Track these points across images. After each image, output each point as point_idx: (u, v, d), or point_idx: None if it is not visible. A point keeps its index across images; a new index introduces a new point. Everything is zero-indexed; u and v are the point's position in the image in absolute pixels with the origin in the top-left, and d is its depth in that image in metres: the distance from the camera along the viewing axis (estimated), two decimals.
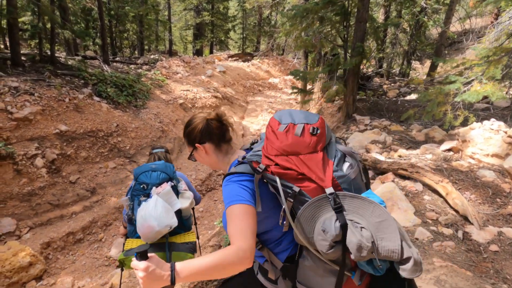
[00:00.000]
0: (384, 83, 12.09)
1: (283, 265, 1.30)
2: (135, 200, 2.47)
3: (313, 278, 1.25)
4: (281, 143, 1.19)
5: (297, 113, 1.29)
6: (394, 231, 1.09)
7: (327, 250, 1.10)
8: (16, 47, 8.00)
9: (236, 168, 1.31)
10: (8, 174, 5.23)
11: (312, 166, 1.15)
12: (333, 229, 1.08)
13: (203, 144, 1.46)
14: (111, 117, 7.74)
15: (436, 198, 3.43)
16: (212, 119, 1.47)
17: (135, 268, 1.04)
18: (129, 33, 17.24)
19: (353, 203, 1.13)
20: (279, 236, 1.31)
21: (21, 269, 4.34)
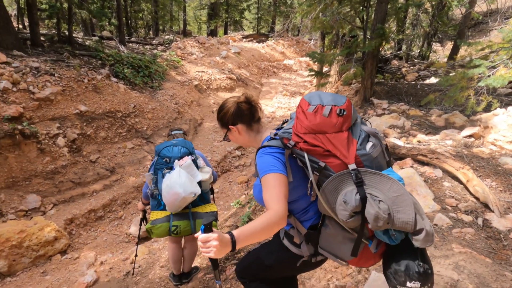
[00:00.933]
0: (403, 66, 11.80)
1: (307, 232, 1.45)
2: (159, 174, 2.64)
3: (333, 244, 1.40)
4: (310, 123, 1.31)
5: (326, 95, 1.39)
6: (409, 205, 1.22)
7: (347, 219, 1.25)
8: (35, 27, 8.08)
9: (269, 142, 1.44)
10: (32, 152, 5.41)
11: (337, 144, 1.28)
12: (353, 200, 1.22)
13: (236, 125, 1.62)
14: (129, 98, 7.83)
15: (456, 184, 3.40)
16: (242, 102, 1.62)
17: (206, 240, 1.16)
18: (144, 13, 17.15)
19: (373, 178, 1.26)
20: (305, 206, 1.46)
21: (47, 243, 4.54)
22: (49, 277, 4.17)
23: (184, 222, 2.68)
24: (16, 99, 5.60)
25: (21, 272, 4.27)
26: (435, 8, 11.21)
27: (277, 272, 1.70)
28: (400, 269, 1.29)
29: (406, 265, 1.28)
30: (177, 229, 2.67)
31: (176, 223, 2.66)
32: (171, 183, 2.46)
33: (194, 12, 26.63)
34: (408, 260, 1.28)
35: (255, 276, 1.77)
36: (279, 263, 1.65)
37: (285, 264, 1.64)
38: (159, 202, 2.75)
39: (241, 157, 7.99)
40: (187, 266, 3.30)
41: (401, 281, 1.27)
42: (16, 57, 6.57)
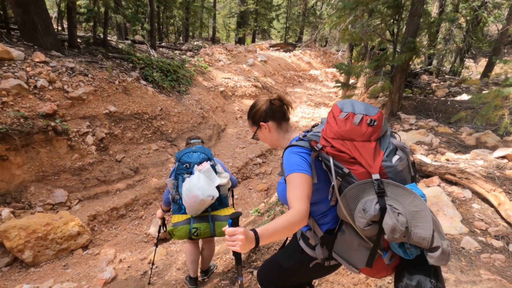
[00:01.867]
0: (432, 81, 11.48)
1: (323, 235, 1.48)
2: (179, 178, 2.77)
3: (347, 250, 1.42)
4: (339, 128, 1.34)
5: (358, 104, 1.41)
6: (428, 221, 1.22)
7: (364, 227, 1.27)
8: (73, 29, 8.47)
9: (297, 142, 1.48)
10: (63, 149, 5.63)
11: (363, 152, 1.30)
12: (373, 210, 1.24)
13: (267, 123, 1.65)
14: (156, 101, 8.03)
15: (486, 207, 3.24)
16: (275, 99, 1.67)
17: (232, 233, 1.20)
18: (175, 19, 17.62)
19: (396, 191, 1.27)
20: (325, 210, 1.48)
21: (70, 237, 4.69)
22: (70, 271, 4.29)
23: (203, 225, 2.79)
24: (51, 97, 5.86)
25: (44, 264, 4.42)
26: (470, 23, 10.89)
27: (294, 275, 1.73)
28: (411, 283, 1.28)
29: (418, 280, 1.27)
30: (197, 231, 2.77)
31: (196, 226, 2.77)
32: (190, 186, 2.58)
33: (223, 20, 27.11)
34: (421, 276, 1.28)
35: (277, 283, 1.81)
36: (294, 265, 1.68)
37: (300, 265, 1.66)
38: (180, 206, 2.86)
39: (262, 164, 7.98)
40: (206, 265, 3.46)
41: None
42: (54, 57, 6.90)
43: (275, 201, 4.90)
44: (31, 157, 5.22)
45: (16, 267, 4.34)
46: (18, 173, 5.06)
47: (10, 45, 6.46)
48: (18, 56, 6.06)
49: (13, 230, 4.23)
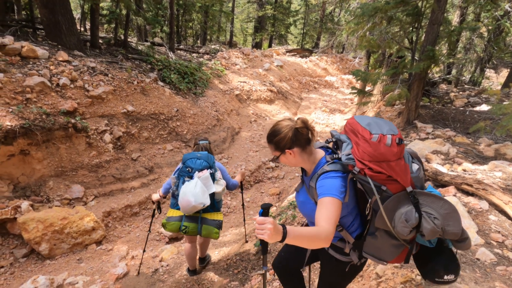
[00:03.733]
0: (451, 91, 11.28)
1: (354, 241, 1.68)
2: (181, 179, 3.10)
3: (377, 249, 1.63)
4: (375, 152, 1.45)
5: (381, 123, 1.54)
6: (458, 220, 1.46)
7: (407, 234, 1.46)
8: (95, 30, 8.72)
9: (330, 166, 1.59)
10: (81, 145, 5.78)
11: (398, 170, 1.46)
12: (413, 218, 1.43)
13: (292, 149, 1.69)
14: (172, 102, 8.16)
15: (503, 219, 3.17)
16: (302, 128, 1.67)
17: (262, 222, 1.28)
18: (194, 22, 17.90)
19: (427, 198, 1.48)
20: (352, 220, 1.68)
21: (85, 232, 4.80)
22: (84, 265, 4.39)
23: (192, 225, 3.11)
24: (72, 95, 6.04)
25: (59, 257, 4.54)
26: (492, 33, 10.68)
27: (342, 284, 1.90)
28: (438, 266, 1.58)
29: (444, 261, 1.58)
30: (186, 229, 3.10)
31: (186, 224, 3.10)
32: (186, 191, 2.89)
33: (241, 24, 27.35)
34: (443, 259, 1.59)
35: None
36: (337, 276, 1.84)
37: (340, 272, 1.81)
38: (177, 202, 3.13)
39: (275, 169, 7.99)
40: (202, 253, 3.91)
41: (439, 275, 1.57)
42: (76, 57, 7.11)
43: (287, 205, 4.90)
44: (51, 153, 5.38)
45: (32, 259, 4.47)
46: (38, 167, 5.22)
47: (36, 44, 6.70)
48: (42, 55, 6.27)
49: (31, 223, 4.36)
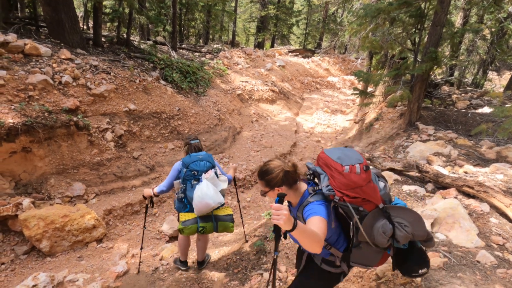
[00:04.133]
0: (453, 93, 11.26)
1: (343, 254, 1.92)
2: (188, 184, 3.19)
3: (362, 258, 1.90)
4: (348, 181, 1.71)
5: (349, 153, 1.79)
6: (423, 225, 1.78)
7: (386, 244, 1.77)
8: (98, 29, 8.73)
9: (313, 198, 1.82)
10: (83, 143, 5.79)
11: (369, 192, 1.74)
12: (389, 230, 1.73)
13: (281, 187, 1.91)
14: (174, 101, 8.17)
15: (504, 222, 3.17)
16: (292, 171, 1.91)
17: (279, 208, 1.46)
18: (196, 21, 17.91)
19: (397, 211, 1.78)
20: (336, 239, 1.93)
21: (85, 230, 4.81)
22: (84, 262, 4.40)
23: (209, 224, 3.21)
24: (74, 93, 6.05)
25: (60, 254, 4.55)
26: (495, 35, 10.65)
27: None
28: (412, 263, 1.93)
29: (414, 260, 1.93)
30: (204, 230, 3.20)
31: (203, 225, 3.19)
32: (203, 194, 2.98)
33: (243, 24, 27.35)
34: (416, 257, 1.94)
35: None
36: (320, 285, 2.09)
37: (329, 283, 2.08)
38: (185, 205, 3.27)
39: None
40: (201, 256, 3.91)
41: (415, 270, 1.92)
42: (79, 55, 7.13)
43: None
44: (53, 150, 5.40)
45: (33, 256, 4.49)
46: (40, 165, 5.23)
47: (39, 42, 6.72)
48: (45, 53, 6.29)
49: (32, 220, 4.37)
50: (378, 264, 1.96)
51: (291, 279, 3.25)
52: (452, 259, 2.54)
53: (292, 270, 3.45)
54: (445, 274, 2.38)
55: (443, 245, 2.75)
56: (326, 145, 10.19)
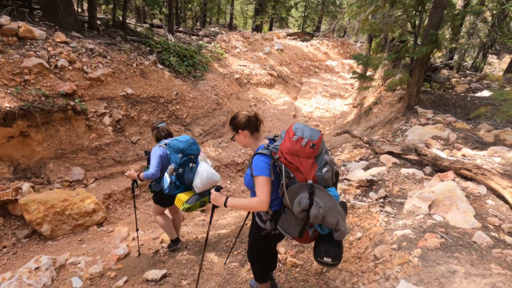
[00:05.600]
0: (453, 76, 11.19)
1: (272, 213, 2.20)
2: (186, 167, 3.41)
3: (287, 225, 2.15)
4: (291, 147, 1.94)
5: (307, 129, 2.00)
6: (336, 214, 1.96)
7: (298, 213, 1.98)
8: (93, 11, 8.56)
9: (263, 151, 2.10)
10: (81, 128, 5.77)
11: (304, 165, 1.95)
12: (304, 203, 1.93)
13: (244, 131, 2.25)
14: (172, 85, 8.09)
15: (501, 204, 3.20)
16: (253, 116, 2.27)
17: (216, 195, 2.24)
18: (193, 4, 17.56)
19: (321, 193, 1.95)
20: (274, 198, 2.15)
21: (86, 214, 4.84)
22: (85, 246, 4.44)
23: (206, 197, 3.47)
24: (71, 77, 5.98)
25: (61, 238, 4.60)
26: (496, 17, 10.50)
27: (258, 244, 2.49)
28: (322, 248, 2.10)
29: (325, 247, 2.09)
30: (204, 203, 3.47)
31: (204, 199, 3.44)
32: (209, 174, 3.18)
33: (241, 7, 26.85)
34: (328, 245, 2.09)
35: (253, 254, 2.60)
36: (255, 237, 2.45)
37: (257, 236, 2.39)
38: (178, 186, 3.44)
39: None
40: (177, 234, 4.19)
41: (321, 255, 2.08)
42: (74, 38, 7.01)
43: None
44: (51, 135, 5.37)
45: (34, 239, 4.53)
46: (38, 149, 5.22)
47: (33, 24, 6.58)
48: (40, 36, 6.18)
49: (32, 204, 4.39)
50: (300, 240, 2.21)
51: (290, 260, 3.30)
52: (449, 239, 2.57)
53: (291, 251, 3.50)
54: (442, 254, 2.42)
55: (440, 226, 2.78)
56: (324, 129, 10.18)
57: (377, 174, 4.08)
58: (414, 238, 2.69)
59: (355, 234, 3.26)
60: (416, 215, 3.07)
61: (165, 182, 3.38)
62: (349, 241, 3.22)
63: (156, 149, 3.41)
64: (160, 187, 3.50)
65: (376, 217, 3.27)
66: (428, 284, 2.16)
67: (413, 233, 2.76)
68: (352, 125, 9.23)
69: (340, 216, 1.98)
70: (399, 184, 3.81)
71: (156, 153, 3.38)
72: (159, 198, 3.67)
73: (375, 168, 4.34)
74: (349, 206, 3.68)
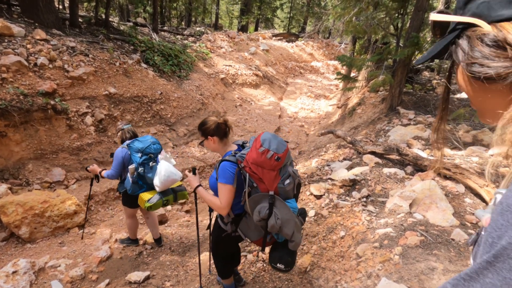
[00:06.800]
0: (434, 78, 11.47)
1: (234, 216, 2.30)
2: (146, 167, 3.44)
3: (247, 229, 2.27)
4: (257, 158, 2.00)
5: (274, 141, 2.04)
6: (293, 226, 2.08)
7: (257, 221, 2.07)
8: (75, 9, 8.38)
9: (229, 157, 2.16)
10: (62, 128, 5.63)
11: (268, 177, 2.03)
12: (263, 212, 2.02)
13: (213, 137, 2.30)
14: (156, 84, 8.00)
15: (478, 202, 3.30)
16: (222, 123, 2.32)
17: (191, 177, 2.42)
18: (178, 3, 17.40)
19: (281, 204, 2.06)
20: (237, 203, 2.22)
21: (66, 216, 4.73)
22: (66, 248, 4.34)
23: (170, 196, 3.54)
24: (51, 76, 5.83)
25: (40, 240, 4.47)
26: None
27: (219, 244, 2.58)
28: (277, 255, 2.24)
29: (280, 254, 2.23)
30: (167, 202, 3.52)
31: (166, 198, 3.49)
32: (168, 172, 3.31)
33: (227, 7, 26.80)
34: (283, 252, 2.22)
35: (217, 253, 2.69)
36: (217, 237, 2.54)
37: (219, 236, 2.51)
38: (141, 186, 3.50)
39: None
40: (156, 233, 4.21)
41: (275, 261, 2.22)
42: (54, 36, 6.84)
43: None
44: (30, 135, 5.23)
45: (12, 243, 4.39)
46: (17, 150, 5.07)
47: (11, 21, 6.39)
48: (18, 33, 6.00)
49: (10, 206, 4.26)
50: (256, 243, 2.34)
51: None
52: (428, 237, 2.64)
53: None
54: (422, 252, 2.48)
55: (420, 225, 2.85)
56: (309, 129, 10.27)
57: (360, 173, 4.15)
58: (395, 236, 2.74)
59: (338, 233, 3.30)
60: (397, 213, 3.13)
61: (128, 183, 3.48)
62: (332, 240, 3.26)
63: (118, 150, 3.50)
64: (125, 187, 3.58)
65: (358, 216, 3.32)
66: (408, 281, 2.21)
67: (394, 232, 2.81)
68: (336, 125, 9.34)
69: (296, 228, 2.10)
70: (381, 183, 3.87)
71: (118, 154, 3.48)
72: (125, 199, 3.75)
73: (358, 168, 4.40)
74: (332, 206, 3.73)
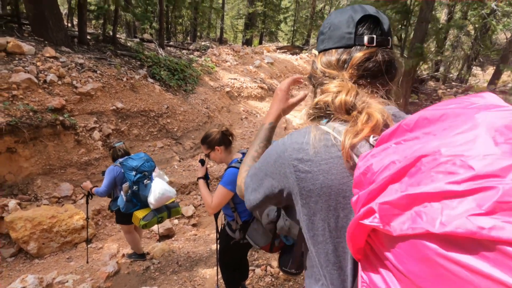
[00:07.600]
0: (439, 88, 11.46)
1: (242, 223, 2.33)
2: (141, 184, 3.44)
3: (255, 235, 2.23)
4: None
5: None
6: None
7: (266, 224, 2.02)
8: (83, 26, 8.57)
9: (236, 164, 2.23)
10: (70, 143, 5.70)
11: None
12: (272, 215, 1.99)
13: (220, 146, 2.35)
14: (163, 99, 8.10)
15: None
16: (226, 132, 2.40)
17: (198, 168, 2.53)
18: (184, 19, 17.73)
19: None
20: (245, 209, 2.28)
21: (74, 231, 4.75)
22: (73, 263, 4.34)
23: (164, 213, 3.58)
24: (60, 92, 5.94)
25: (48, 256, 4.48)
26: (478, 31, 10.86)
27: (227, 252, 2.62)
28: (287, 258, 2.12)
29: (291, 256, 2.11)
30: (161, 219, 3.60)
31: (161, 215, 3.54)
32: (163, 190, 3.36)
33: (231, 21, 27.23)
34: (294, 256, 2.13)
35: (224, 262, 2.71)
36: (225, 245, 2.58)
37: (227, 244, 2.53)
38: (135, 204, 3.51)
39: None
40: None
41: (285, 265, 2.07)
42: (63, 53, 6.99)
43: None
44: (39, 150, 5.30)
45: (20, 258, 4.41)
46: (26, 165, 5.13)
47: (21, 39, 6.56)
48: (29, 51, 6.15)
49: (19, 222, 4.29)
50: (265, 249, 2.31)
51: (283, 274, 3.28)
52: None
53: None
54: None
55: None
56: None
57: None
58: None
59: None
60: None
61: (121, 201, 3.49)
62: None
63: (110, 169, 3.50)
64: (118, 206, 3.58)
65: None
66: None
67: None
68: None
69: None
70: None
71: (110, 173, 3.48)
72: (119, 217, 3.78)
73: None
74: None
